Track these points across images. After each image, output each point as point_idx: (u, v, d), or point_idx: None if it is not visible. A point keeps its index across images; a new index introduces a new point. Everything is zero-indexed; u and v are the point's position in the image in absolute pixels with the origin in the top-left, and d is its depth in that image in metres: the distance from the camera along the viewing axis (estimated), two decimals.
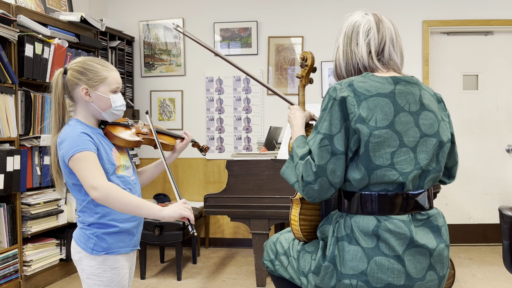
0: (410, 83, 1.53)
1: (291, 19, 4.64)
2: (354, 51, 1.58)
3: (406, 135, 1.47)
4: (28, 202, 3.33)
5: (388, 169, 1.45)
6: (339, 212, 1.59)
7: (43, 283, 3.51)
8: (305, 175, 1.49)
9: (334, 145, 1.47)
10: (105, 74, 1.75)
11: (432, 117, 1.53)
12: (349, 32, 1.61)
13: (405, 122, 1.47)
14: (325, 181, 1.47)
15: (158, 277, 3.81)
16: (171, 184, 1.81)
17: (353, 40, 1.59)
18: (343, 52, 1.61)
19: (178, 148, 2.06)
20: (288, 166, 1.61)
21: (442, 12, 4.49)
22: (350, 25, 1.61)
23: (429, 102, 1.55)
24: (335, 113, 1.47)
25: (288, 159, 1.63)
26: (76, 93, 1.75)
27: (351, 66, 1.60)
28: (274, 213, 3.25)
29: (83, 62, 1.76)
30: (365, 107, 1.45)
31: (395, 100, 1.48)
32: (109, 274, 1.74)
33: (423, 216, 1.51)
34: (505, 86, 4.56)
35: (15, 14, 3.26)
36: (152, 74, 4.93)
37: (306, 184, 1.49)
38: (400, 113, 1.47)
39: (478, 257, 4.24)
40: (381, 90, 1.47)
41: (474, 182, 4.63)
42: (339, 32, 1.65)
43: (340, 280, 1.48)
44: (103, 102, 1.75)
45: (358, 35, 1.58)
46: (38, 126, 3.48)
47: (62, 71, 1.76)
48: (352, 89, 1.47)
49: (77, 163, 1.63)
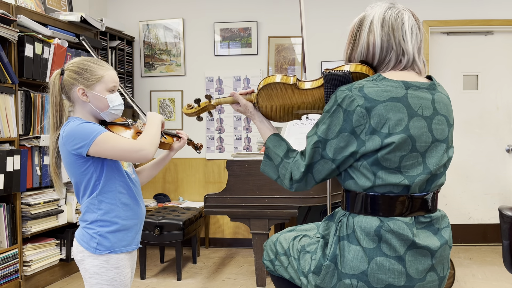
0: (420, 89, 1.50)
1: (291, 19, 4.64)
2: (400, 41, 1.52)
3: (419, 140, 1.45)
4: (28, 202, 3.33)
5: (393, 172, 1.45)
6: (342, 211, 1.59)
7: (43, 283, 3.51)
8: (294, 174, 1.58)
9: (325, 149, 1.49)
10: (101, 73, 1.76)
11: (444, 121, 1.52)
12: (392, 20, 1.53)
13: (419, 126, 1.45)
14: (310, 177, 1.56)
15: (158, 277, 3.81)
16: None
17: (398, 30, 1.52)
18: (381, 37, 1.52)
19: (176, 147, 2.07)
20: (266, 164, 1.70)
21: (442, 12, 4.49)
22: (392, 13, 1.54)
23: (442, 106, 1.53)
24: (336, 119, 1.47)
25: (264, 158, 1.71)
26: (73, 94, 1.75)
27: (392, 54, 1.53)
28: (274, 213, 3.25)
29: (79, 62, 1.77)
30: (377, 114, 1.42)
31: (409, 104, 1.45)
32: (112, 273, 1.75)
33: (426, 219, 1.51)
34: (505, 86, 4.56)
35: (15, 14, 3.26)
36: (152, 74, 4.93)
37: (295, 183, 1.59)
38: (414, 117, 1.44)
39: (478, 257, 4.24)
40: (393, 95, 1.44)
41: (474, 182, 4.63)
42: (370, 17, 1.56)
43: (341, 280, 1.48)
44: (101, 101, 1.76)
45: (404, 26, 1.53)
46: (38, 126, 3.48)
47: (59, 72, 1.77)
48: (363, 94, 1.44)
49: (103, 145, 1.67)
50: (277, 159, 1.65)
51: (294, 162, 1.58)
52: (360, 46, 1.58)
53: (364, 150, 1.43)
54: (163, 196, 4.80)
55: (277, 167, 1.65)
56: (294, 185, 1.59)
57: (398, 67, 1.55)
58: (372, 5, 1.61)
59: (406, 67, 1.55)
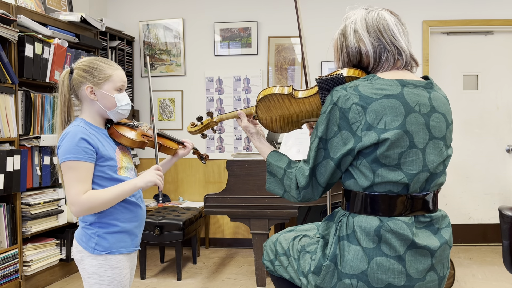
0: (417, 86, 1.50)
1: (291, 19, 4.64)
2: (392, 40, 1.52)
3: (417, 136, 1.45)
4: (28, 202, 3.33)
5: (393, 169, 1.45)
6: (342, 211, 1.59)
7: (43, 283, 3.51)
8: (300, 181, 1.57)
9: (327, 149, 1.50)
10: (109, 72, 1.78)
11: (442, 119, 1.52)
12: (375, 23, 1.53)
13: (416, 122, 1.45)
14: (315, 182, 1.55)
15: (158, 277, 3.81)
16: (154, 152, 1.95)
17: (386, 31, 1.52)
18: (371, 43, 1.52)
19: (180, 154, 2.10)
20: (271, 182, 1.71)
21: (442, 12, 4.49)
22: (373, 17, 1.54)
23: (440, 104, 1.53)
24: (333, 118, 1.47)
25: (268, 175, 1.72)
26: (82, 92, 1.77)
27: (386, 55, 1.52)
28: (274, 213, 3.25)
29: (88, 61, 1.79)
30: (373, 111, 1.42)
31: (405, 101, 1.45)
32: (110, 274, 1.75)
33: (426, 219, 1.51)
34: (505, 86, 4.56)
35: (15, 14, 3.26)
36: (152, 74, 4.93)
37: (302, 189, 1.57)
38: (411, 113, 1.44)
39: (478, 257, 4.24)
40: (388, 92, 1.45)
41: (474, 182, 4.63)
42: (351, 25, 1.56)
43: (341, 280, 1.48)
44: (108, 100, 1.78)
45: (389, 25, 1.53)
46: (38, 126, 3.48)
47: (68, 71, 1.79)
48: (358, 93, 1.44)
49: (66, 171, 1.68)
50: (280, 172, 1.65)
51: (298, 169, 1.59)
52: (350, 55, 1.57)
53: (361, 146, 1.43)
54: (163, 196, 4.80)
55: (281, 180, 1.65)
56: (302, 192, 1.57)
57: (397, 66, 1.55)
58: (347, 15, 1.61)
59: (406, 65, 1.56)
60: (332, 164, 1.50)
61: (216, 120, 1.99)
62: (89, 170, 1.69)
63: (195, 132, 2.03)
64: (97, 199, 1.69)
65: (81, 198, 1.66)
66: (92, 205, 1.68)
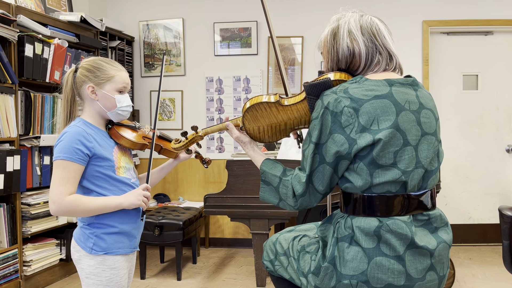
0: (404, 85, 1.52)
1: (291, 19, 4.64)
2: (385, 43, 1.55)
3: (410, 133, 1.46)
4: (28, 202, 3.33)
5: (390, 168, 1.45)
6: (340, 213, 1.59)
7: (43, 283, 3.51)
8: (296, 189, 1.55)
9: (322, 154, 1.49)
10: (112, 73, 1.79)
11: (431, 115, 1.54)
12: (369, 26, 1.55)
13: (407, 120, 1.46)
14: (312, 188, 1.54)
15: (158, 277, 3.81)
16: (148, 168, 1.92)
17: (378, 35, 1.55)
18: (365, 44, 1.54)
19: (182, 157, 2.07)
20: (265, 190, 1.68)
21: (442, 12, 4.49)
22: (366, 20, 1.57)
23: (427, 101, 1.56)
24: (325, 122, 1.47)
25: (262, 184, 1.68)
26: (83, 91, 1.78)
27: (378, 57, 1.54)
28: (274, 213, 3.25)
29: (92, 61, 1.80)
30: (365, 112, 1.43)
31: (395, 100, 1.47)
32: (108, 274, 1.75)
33: (424, 217, 1.51)
34: (505, 86, 4.56)
35: (15, 14, 3.26)
36: (152, 74, 4.93)
37: (299, 197, 1.55)
38: (402, 111, 1.46)
39: (478, 257, 4.24)
40: (378, 93, 1.46)
41: (474, 182, 4.63)
42: (345, 25, 1.57)
43: (340, 281, 1.48)
44: (109, 101, 1.78)
45: (380, 30, 1.56)
46: (38, 126, 3.48)
47: (73, 70, 1.81)
48: (348, 95, 1.45)
49: (56, 168, 1.68)
50: (275, 180, 1.63)
51: (294, 177, 1.57)
52: (341, 55, 1.57)
53: (357, 148, 1.43)
54: (163, 196, 4.80)
55: (276, 188, 1.63)
56: (299, 200, 1.56)
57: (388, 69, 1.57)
58: (340, 15, 1.63)
59: (395, 69, 1.59)
60: (329, 168, 1.49)
61: (202, 135, 1.89)
62: (77, 171, 1.69)
63: (180, 148, 1.93)
64: (80, 206, 1.68)
65: (64, 199, 1.66)
66: (73, 210, 1.68)
